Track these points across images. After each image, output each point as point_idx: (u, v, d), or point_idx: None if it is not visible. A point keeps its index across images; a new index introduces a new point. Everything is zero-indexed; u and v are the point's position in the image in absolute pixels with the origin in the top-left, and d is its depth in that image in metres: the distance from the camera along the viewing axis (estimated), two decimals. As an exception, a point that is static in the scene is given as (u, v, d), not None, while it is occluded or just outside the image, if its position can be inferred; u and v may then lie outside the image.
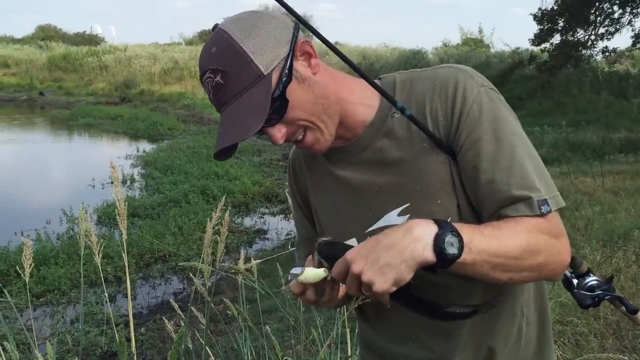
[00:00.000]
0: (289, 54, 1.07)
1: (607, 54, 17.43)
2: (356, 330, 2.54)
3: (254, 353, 2.62)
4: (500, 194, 1.07)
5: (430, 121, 1.13)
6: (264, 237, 7.80)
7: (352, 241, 1.20)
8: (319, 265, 1.05)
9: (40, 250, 6.39)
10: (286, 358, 2.73)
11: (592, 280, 1.29)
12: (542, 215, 1.05)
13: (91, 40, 41.34)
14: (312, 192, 1.32)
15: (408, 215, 1.15)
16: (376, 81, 1.21)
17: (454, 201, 1.13)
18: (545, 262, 1.06)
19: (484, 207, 1.10)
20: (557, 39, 17.14)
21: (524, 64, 18.85)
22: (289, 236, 7.51)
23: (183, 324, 2.09)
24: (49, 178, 12.25)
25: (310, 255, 1.09)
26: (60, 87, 28.18)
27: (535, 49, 18.36)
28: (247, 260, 2.34)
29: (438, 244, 0.94)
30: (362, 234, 1.18)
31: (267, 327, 2.62)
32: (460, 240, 0.95)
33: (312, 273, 1.06)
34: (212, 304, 2.15)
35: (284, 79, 1.05)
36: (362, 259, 0.96)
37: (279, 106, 1.06)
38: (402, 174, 1.15)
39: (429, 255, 0.94)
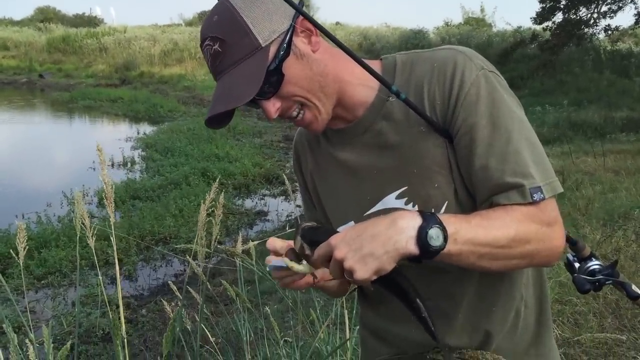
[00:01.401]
0: (289, 29, 1.07)
1: (609, 32, 17.29)
2: (354, 311, 2.55)
3: (252, 335, 2.63)
4: (493, 180, 1.06)
5: (427, 104, 1.12)
6: (264, 219, 7.81)
7: (350, 224, 1.19)
8: (301, 249, 1.05)
9: (41, 233, 6.42)
10: (286, 339, 2.74)
11: (594, 264, 1.28)
12: (534, 203, 1.04)
13: (90, 21, 41.12)
14: (314, 174, 1.32)
15: (406, 199, 1.15)
16: (378, 62, 1.19)
17: (451, 185, 1.12)
18: (537, 250, 1.05)
19: (478, 193, 1.10)
20: (559, 17, 17.02)
21: (526, 42, 18.74)
22: (290, 217, 7.52)
23: (180, 305, 2.10)
24: (50, 161, 12.24)
25: (292, 241, 1.08)
26: (59, 69, 28.07)
27: (537, 27, 18.22)
28: (245, 241, 2.34)
29: (421, 237, 0.94)
30: (361, 217, 1.18)
31: (267, 309, 2.63)
32: (445, 233, 0.95)
33: (307, 265, 1.06)
34: (209, 285, 2.16)
35: (282, 53, 1.06)
36: (345, 246, 0.96)
37: (274, 80, 1.06)
38: (401, 157, 1.15)
39: (412, 248, 0.94)
